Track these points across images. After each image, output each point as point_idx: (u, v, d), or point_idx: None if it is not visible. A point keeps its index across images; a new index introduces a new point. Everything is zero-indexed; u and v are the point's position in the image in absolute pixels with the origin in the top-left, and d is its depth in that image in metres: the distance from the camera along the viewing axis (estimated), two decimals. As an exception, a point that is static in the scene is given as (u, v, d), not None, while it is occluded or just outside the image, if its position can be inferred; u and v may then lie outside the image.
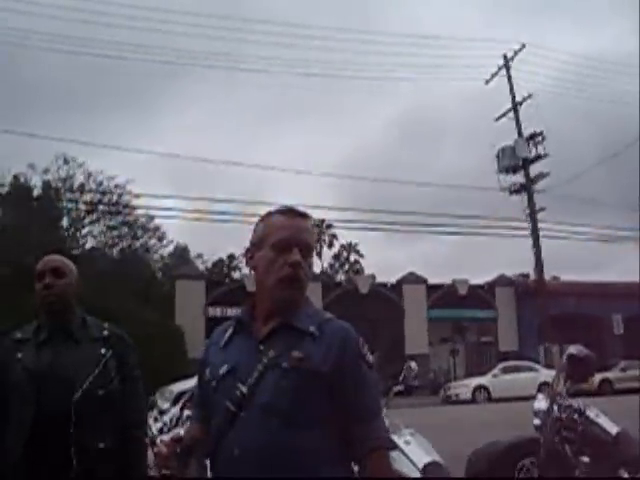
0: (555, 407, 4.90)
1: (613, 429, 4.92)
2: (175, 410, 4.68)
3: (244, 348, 2.03)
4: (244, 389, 1.94)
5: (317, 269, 55.85)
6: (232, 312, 34.91)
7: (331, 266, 68.75)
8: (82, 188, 39.42)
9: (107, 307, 16.48)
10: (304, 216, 2.12)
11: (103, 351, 2.95)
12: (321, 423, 1.92)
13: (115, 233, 42.59)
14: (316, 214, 52.27)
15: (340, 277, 58.18)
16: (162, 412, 4.67)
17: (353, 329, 2.04)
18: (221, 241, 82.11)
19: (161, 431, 4.46)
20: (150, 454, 4.24)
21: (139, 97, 71.93)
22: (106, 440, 2.84)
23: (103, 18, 37.22)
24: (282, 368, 1.92)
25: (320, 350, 1.95)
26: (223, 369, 2.01)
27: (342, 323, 2.05)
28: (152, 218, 40.96)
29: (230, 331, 2.15)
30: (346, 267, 65.67)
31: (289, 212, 2.10)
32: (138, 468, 3.03)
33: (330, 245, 69.11)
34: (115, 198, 39.83)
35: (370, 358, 2.04)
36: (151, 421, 4.56)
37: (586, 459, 4.86)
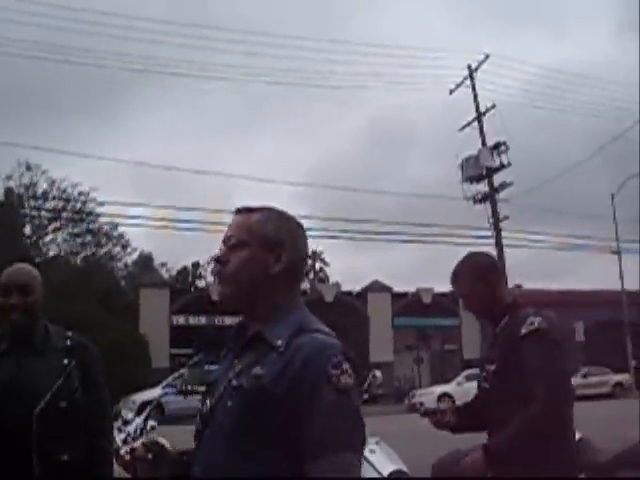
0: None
1: (575, 436, 4.98)
2: (139, 420, 4.63)
3: (226, 361, 1.94)
4: (208, 406, 1.88)
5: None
6: (196, 321, 34.81)
7: (297, 274, 68.69)
8: (45, 195, 38.96)
9: (70, 315, 16.34)
10: (239, 211, 2.02)
11: (66, 361, 2.91)
12: (272, 451, 1.72)
13: (79, 241, 42.13)
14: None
15: (305, 285, 58.22)
16: (126, 422, 4.62)
17: (330, 344, 1.79)
18: (186, 249, 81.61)
19: (125, 441, 4.41)
20: (115, 465, 4.22)
21: (105, 104, 71.38)
22: (70, 452, 2.80)
23: (68, 24, 36.93)
24: (233, 386, 1.80)
25: (279, 367, 1.75)
26: (210, 384, 1.97)
27: (314, 337, 1.80)
28: (116, 226, 40.67)
29: (229, 341, 2.03)
30: (311, 275, 65.72)
31: (233, 212, 2.04)
32: (103, 477, 3.00)
33: (295, 253, 69.10)
34: (79, 206, 39.45)
35: (344, 381, 1.73)
36: (115, 431, 4.51)
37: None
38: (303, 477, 1.66)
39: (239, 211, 2.01)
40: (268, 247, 1.91)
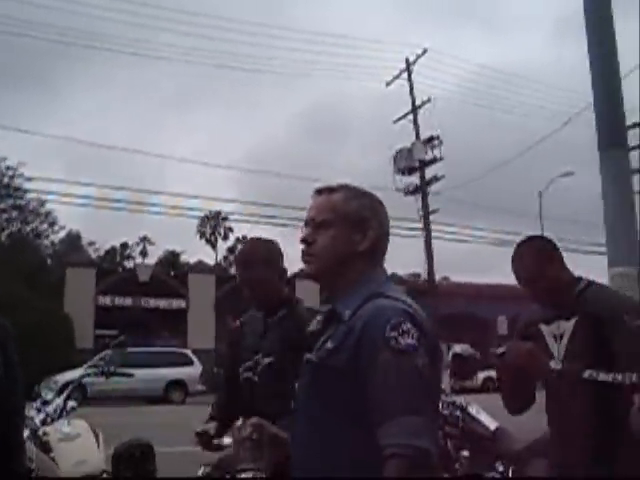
0: (439, 404, 5.06)
1: (492, 425, 5.11)
2: (59, 401, 4.55)
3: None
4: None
5: (211, 261, 55.43)
6: (122, 302, 34.33)
7: (225, 258, 68.44)
8: (-30, 169, 37.85)
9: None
10: (319, 192, 2.03)
11: None
12: (343, 424, 1.72)
13: (4, 217, 41.07)
14: (213, 206, 52.00)
15: (234, 270, 57.86)
16: (45, 402, 4.53)
17: (390, 306, 1.76)
18: (115, 229, 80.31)
19: (44, 422, 4.34)
20: (32, 446, 4.14)
21: (38, 78, 69.69)
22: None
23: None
24: (306, 361, 1.87)
25: (341, 337, 1.78)
26: None
27: (377, 302, 1.79)
28: (44, 203, 39.75)
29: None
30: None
31: (313, 193, 2.05)
32: (18, 455, 2.95)
33: (225, 237, 68.84)
34: (6, 180, 38.41)
35: (403, 342, 1.68)
36: (34, 412, 4.43)
37: (466, 453, 5.04)
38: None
39: (320, 191, 2.03)
40: (353, 225, 1.94)
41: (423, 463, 1.58)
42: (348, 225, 1.93)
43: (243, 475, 1.95)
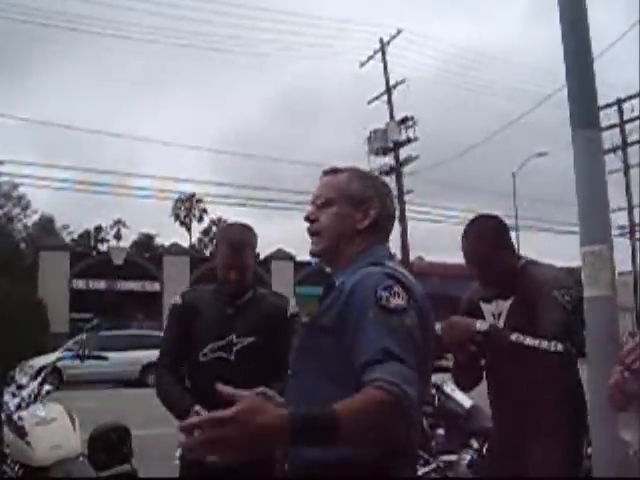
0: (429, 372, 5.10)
1: (467, 403, 5.17)
2: (34, 385, 4.53)
3: None
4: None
5: (185, 243, 55.23)
6: (97, 285, 34.18)
7: (200, 241, 68.23)
8: (-60, 152, 37.27)
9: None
10: (326, 173, 2.14)
11: None
12: (333, 386, 1.73)
13: (-25, 201, 40.59)
14: (188, 188, 51.74)
15: (209, 252, 57.77)
16: (20, 387, 4.51)
17: (380, 272, 1.84)
18: (89, 212, 79.58)
19: (19, 407, 4.31)
20: (7, 431, 4.12)
21: (5, 59, 68.53)
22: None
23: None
24: (302, 325, 2.03)
25: (331, 300, 1.87)
26: None
27: (368, 268, 1.87)
28: (16, 186, 39.37)
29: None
30: (215, 242, 65.29)
31: (320, 175, 2.15)
32: None
33: (200, 219, 68.57)
34: (-24, 164, 37.91)
35: (394, 302, 1.74)
36: (8, 397, 4.41)
37: (441, 431, 5.10)
38: None
39: (326, 172, 2.14)
40: (355, 204, 2.03)
41: (406, 408, 1.56)
42: (350, 204, 2.03)
43: None
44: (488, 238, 3.06)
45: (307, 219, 2.07)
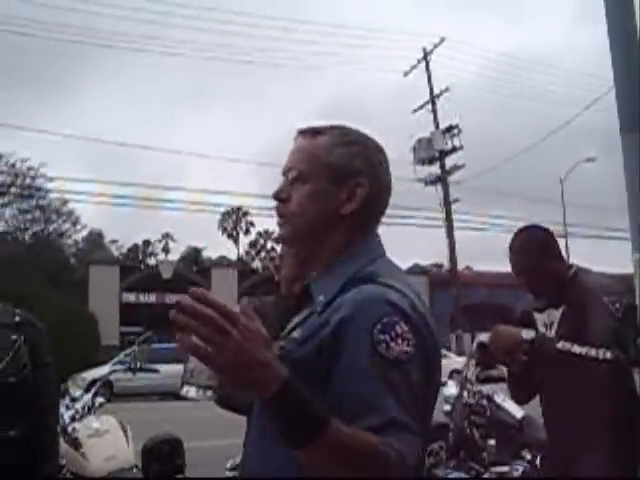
0: (465, 393, 5.05)
1: (518, 413, 5.12)
2: (87, 397, 4.61)
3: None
4: None
5: (233, 256, 55.59)
6: (146, 298, 34.56)
7: (247, 253, 68.69)
8: (-7, 170, 38.15)
9: (18, 292, 16.05)
10: (302, 132, 1.61)
11: (14, 337, 2.88)
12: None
13: (27, 217, 41.36)
14: (234, 201, 52.14)
15: (256, 264, 58.11)
16: (74, 399, 4.59)
17: (380, 298, 1.35)
18: (137, 226, 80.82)
19: (73, 419, 4.39)
20: (62, 442, 4.20)
21: (56, 78, 70.11)
22: (17, 428, 2.78)
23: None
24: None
25: (311, 329, 1.40)
26: None
27: (362, 289, 1.37)
28: (66, 202, 40.00)
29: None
30: (262, 254, 65.63)
31: (295, 135, 1.62)
32: (48, 456, 2.98)
33: (247, 232, 69.05)
34: (28, 181, 38.70)
35: (396, 349, 1.30)
36: (63, 409, 4.49)
37: (492, 442, 5.04)
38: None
39: (302, 132, 1.60)
40: (338, 179, 1.52)
41: (395, 470, 1.22)
42: (331, 179, 1.51)
43: (185, 388, 1.85)
44: (535, 249, 3.04)
45: (276, 197, 1.56)
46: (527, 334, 2.87)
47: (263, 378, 1.18)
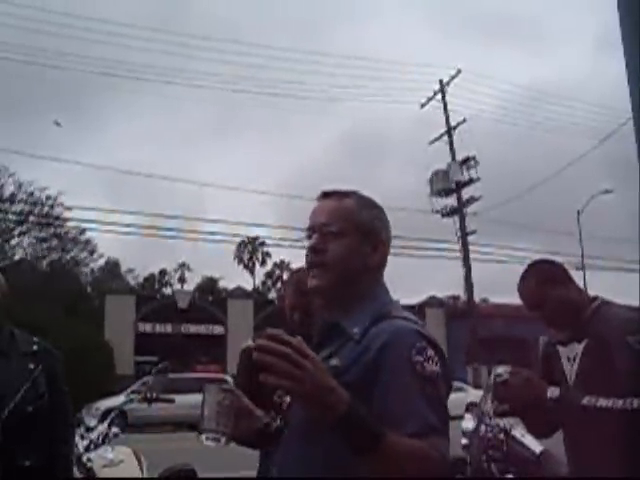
0: (482, 427, 4.99)
1: (537, 448, 5.03)
2: (102, 427, 4.59)
3: None
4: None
5: (249, 287, 55.60)
6: (162, 328, 34.57)
7: (263, 284, 68.67)
8: (12, 198, 38.42)
9: (35, 321, 16.12)
10: (328, 195, 1.88)
11: (32, 366, 2.88)
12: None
13: (45, 245, 41.61)
14: (251, 232, 52.28)
15: (272, 295, 58.04)
16: (88, 429, 4.57)
17: (411, 329, 1.67)
18: (153, 256, 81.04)
19: (87, 448, 4.37)
20: (76, 472, 4.17)
21: (77, 108, 70.98)
22: (33, 457, 2.77)
23: (45, 26, 36.62)
24: None
25: (354, 356, 1.66)
26: None
27: (393, 322, 1.68)
28: (83, 231, 40.24)
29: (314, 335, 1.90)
30: (278, 285, 65.57)
31: (320, 196, 1.90)
32: None
33: (263, 263, 69.09)
34: (46, 209, 39.01)
35: (429, 368, 1.60)
36: (77, 438, 4.47)
37: (510, 477, 4.97)
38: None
39: (327, 195, 1.89)
40: (365, 237, 1.82)
41: (442, 469, 1.53)
42: (360, 236, 1.81)
43: (204, 435, 1.88)
44: (545, 280, 3.00)
45: (312, 249, 1.81)
46: (553, 393, 2.77)
47: (332, 402, 1.42)
